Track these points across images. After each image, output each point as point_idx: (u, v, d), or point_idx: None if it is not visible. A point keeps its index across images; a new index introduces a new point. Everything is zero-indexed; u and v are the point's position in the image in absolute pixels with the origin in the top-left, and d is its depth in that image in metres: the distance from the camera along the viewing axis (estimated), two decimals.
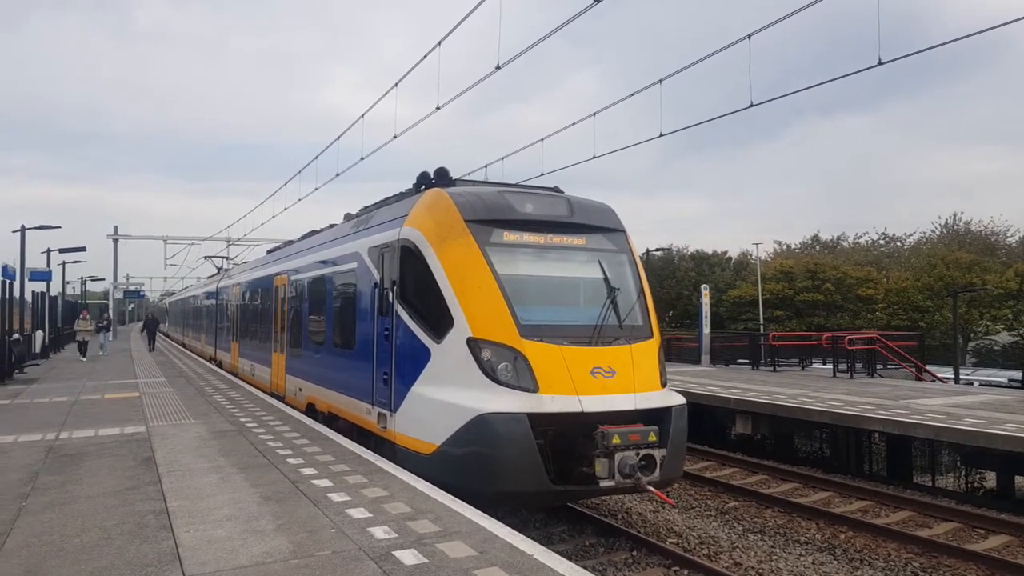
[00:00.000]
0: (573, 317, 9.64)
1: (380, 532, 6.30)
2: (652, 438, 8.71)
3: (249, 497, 7.50)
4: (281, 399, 16.08)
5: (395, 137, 19.27)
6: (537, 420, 8.41)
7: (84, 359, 29.34)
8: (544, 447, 8.48)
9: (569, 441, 8.76)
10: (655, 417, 9.06)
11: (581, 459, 8.69)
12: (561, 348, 8.88)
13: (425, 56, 15.29)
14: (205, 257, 46.78)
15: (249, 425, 12.23)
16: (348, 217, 14.91)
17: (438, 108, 16.32)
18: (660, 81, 16.38)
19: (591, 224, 10.32)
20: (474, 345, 8.81)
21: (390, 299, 10.14)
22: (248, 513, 6.92)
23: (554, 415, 8.56)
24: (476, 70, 17.10)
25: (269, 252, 23.56)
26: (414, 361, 9.56)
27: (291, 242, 20.37)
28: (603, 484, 8.53)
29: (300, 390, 15.10)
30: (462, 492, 7.78)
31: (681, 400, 9.54)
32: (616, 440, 8.43)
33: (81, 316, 33.24)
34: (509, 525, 6.53)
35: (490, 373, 8.68)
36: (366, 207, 13.91)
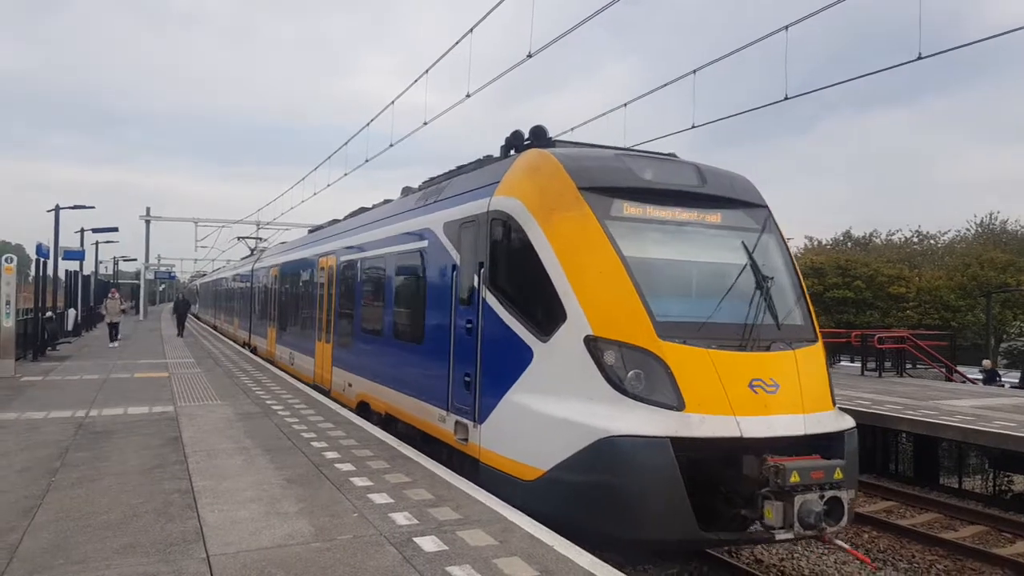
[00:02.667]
0: (719, 313, 7.62)
1: (401, 518, 6.33)
2: (838, 475, 6.73)
3: (273, 479, 7.58)
4: (326, 393, 14.65)
5: (425, 124, 19.25)
6: (682, 446, 6.56)
7: (114, 344, 26.67)
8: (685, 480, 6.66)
9: (713, 471, 7.04)
10: (823, 444, 7.19)
11: (731, 496, 7.05)
12: (711, 353, 7.03)
13: (456, 43, 15.24)
14: (238, 238, 46.97)
15: (275, 407, 12.35)
16: (407, 191, 13.20)
17: (468, 96, 16.27)
18: (694, 72, 16.18)
19: (728, 197, 8.48)
20: (594, 345, 7.02)
21: (475, 285, 8.49)
22: (271, 495, 6.98)
23: (704, 441, 6.68)
24: (508, 58, 17.03)
25: (311, 231, 21.58)
26: (509, 362, 7.84)
27: (336, 220, 18.67)
28: (779, 536, 6.64)
29: (350, 385, 13.58)
30: (578, 533, 6.30)
31: (852, 422, 7.70)
32: (795, 478, 6.51)
33: (110, 295, 30.11)
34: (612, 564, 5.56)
35: (616, 382, 6.88)
36: (432, 178, 12.16)
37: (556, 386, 7.29)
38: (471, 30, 14.83)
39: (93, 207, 35.19)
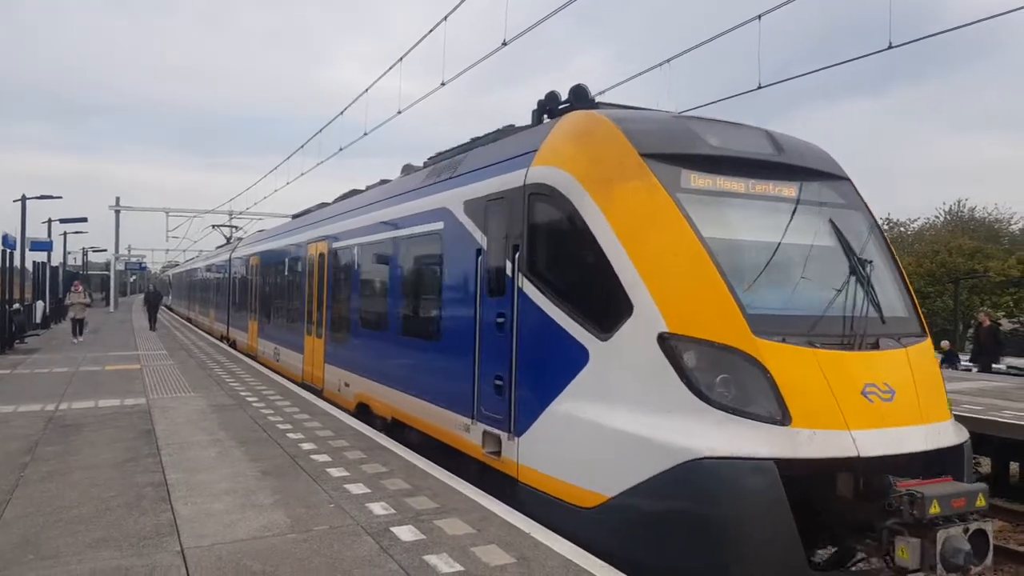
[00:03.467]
0: (817, 304, 6.41)
1: (378, 508, 6.31)
2: (981, 502, 5.56)
3: (248, 471, 7.52)
4: (318, 393, 13.30)
5: (399, 112, 19.13)
6: (788, 469, 5.32)
7: (77, 340, 24.76)
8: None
9: (819, 498, 5.85)
10: (935, 460, 5.97)
11: (839, 527, 5.95)
12: (816, 353, 5.82)
13: (431, 31, 15.14)
14: (213, 226, 45.68)
15: (249, 399, 12.25)
16: (409, 169, 12.05)
17: (443, 84, 16.18)
18: (668, 61, 16.21)
19: (808, 167, 7.30)
20: (671, 344, 5.77)
21: (507, 272, 7.28)
22: (246, 487, 6.93)
23: (815, 462, 5.47)
24: (483, 47, 16.97)
25: (295, 217, 20.04)
26: (555, 364, 6.62)
27: (325, 204, 17.16)
28: None
29: (346, 385, 12.26)
30: (652, 572, 5.48)
31: (967, 433, 6.52)
32: (935, 508, 5.28)
33: (73, 288, 27.16)
34: None
35: (700, 389, 5.63)
36: (440, 153, 10.87)
37: (620, 394, 6.05)
38: (445, 18, 14.73)
39: (60, 197, 34.68)
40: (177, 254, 77.73)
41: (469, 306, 8.05)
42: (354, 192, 15.04)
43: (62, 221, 42.65)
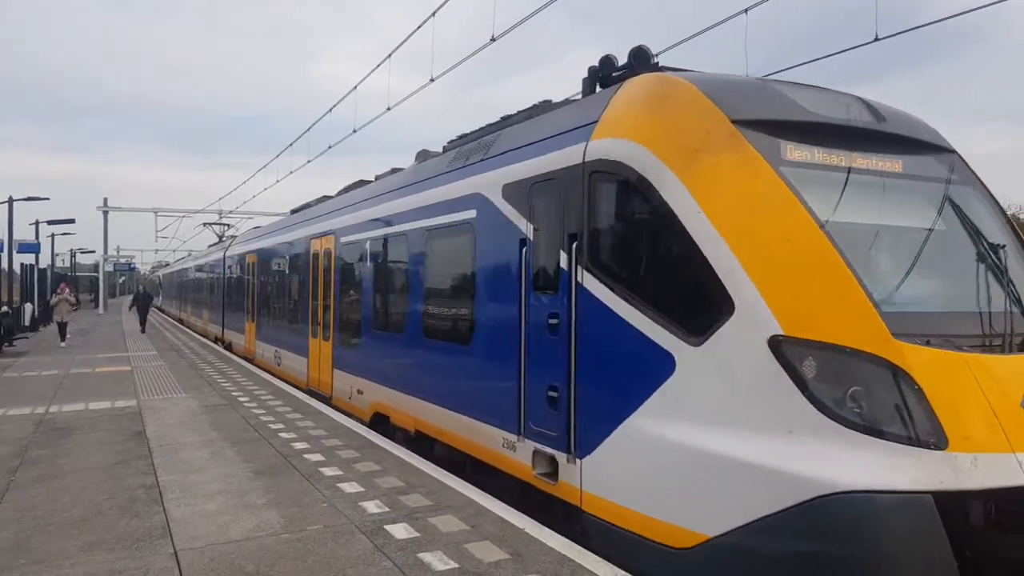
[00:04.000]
0: (955, 299, 5.55)
1: (372, 506, 6.30)
2: None
3: (240, 471, 7.49)
4: (325, 400, 12.37)
5: (388, 109, 19.06)
6: (948, 503, 4.36)
7: (64, 344, 24.09)
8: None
9: (978, 536, 4.58)
10: None
11: (1004, 569, 4.67)
12: (966, 358, 4.88)
13: (419, 27, 15.08)
14: (204, 224, 44.42)
15: (241, 399, 12.21)
16: (425, 155, 10.96)
17: (432, 80, 16.13)
18: (656, 57, 16.16)
19: (913, 138, 6.31)
20: (787, 349, 4.75)
21: (562, 265, 6.31)
22: (239, 487, 6.90)
23: (979, 494, 4.48)
24: (472, 43, 16.95)
25: (295, 211, 18.67)
26: (629, 372, 5.65)
27: (327, 197, 16.02)
28: None
29: (359, 392, 11.14)
30: None
31: None
32: None
33: (58, 290, 26.53)
34: None
35: (827, 405, 4.64)
36: (464, 135, 9.71)
37: (720, 410, 5.03)
38: (434, 14, 14.68)
39: (48, 199, 34.45)
40: (167, 254, 77.45)
41: (511, 304, 7.03)
42: (361, 183, 13.89)
43: (50, 223, 42.38)
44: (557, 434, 6.27)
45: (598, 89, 7.26)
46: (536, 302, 6.72)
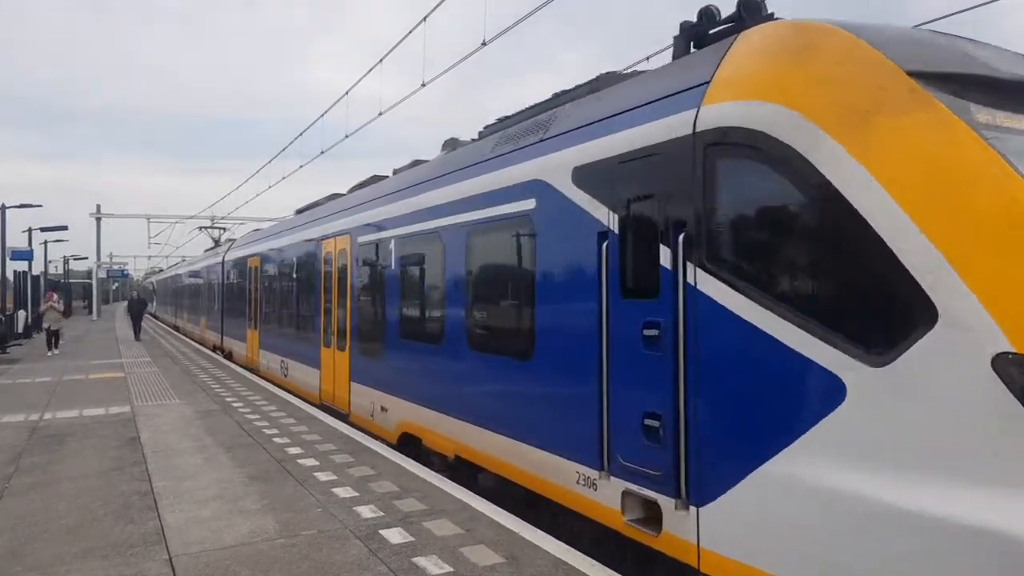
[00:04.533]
0: None
1: (366, 511, 6.31)
2: None
3: (235, 477, 7.49)
4: (342, 418, 11.25)
5: (380, 114, 19.09)
6: None
7: (52, 353, 23.24)
8: None
9: None
10: None
11: None
12: None
13: (410, 32, 15.12)
14: (200, 228, 44.05)
15: (235, 404, 12.20)
16: (453, 144, 9.89)
17: (423, 85, 16.17)
18: (647, 59, 16.27)
19: None
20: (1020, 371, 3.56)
21: (664, 263, 5.13)
22: (234, 493, 6.91)
23: None
24: (464, 47, 16.96)
25: (300, 211, 17.34)
26: (773, 400, 4.47)
27: (338, 195, 14.88)
28: None
29: (383, 410, 9.98)
30: None
31: None
32: None
33: (46, 298, 25.45)
34: None
35: None
36: (502, 119, 8.65)
37: (915, 452, 3.79)
38: (424, 19, 14.72)
39: (40, 205, 34.44)
40: (160, 260, 77.28)
41: (586, 312, 5.79)
42: (376, 178, 12.79)
43: (43, 230, 42.27)
44: (659, 473, 5.05)
45: (693, 50, 5.95)
46: (624, 309, 5.43)
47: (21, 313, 31.15)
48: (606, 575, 4.96)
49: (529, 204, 6.75)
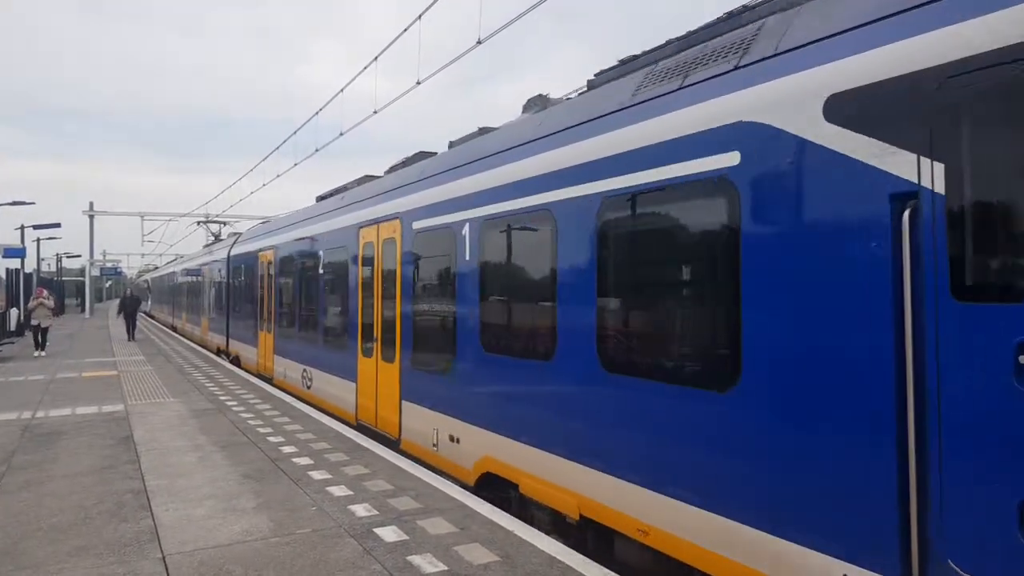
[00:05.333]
0: None
1: (361, 510, 6.30)
2: None
3: (229, 475, 7.48)
4: (391, 444, 9.31)
5: (375, 112, 19.07)
6: None
7: (41, 353, 21.68)
8: None
9: None
10: None
11: None
12: None
13: (405, 30, 15.10)
14: (198, 222, 40.99)
15: (229, 403, 12.18)
16: (540, 101, 8.17)
17: (418, 83, 16.16)
18: (643, 54, 16.25)
19: None
20: None
21: None
22: (228, 491, 6.89)
23: None
24: (459, 46, 16.94)
25: (322, 199, 15.51)
26: None
27: (372, 177, 13.13)
28: None
29: (453, 440, 7.92)
30: None
31: None
32: None
33: (35, 295, 23.65)
34: None
35: None
36: (627, 59, 6.93)
37: None
38: (419, 17, 14.71)
39: (33, 203, 34.26)
40: (153, 258, 77.06)
41: (864, 326, 3.85)
42: (424, 155, 10.94)
43: (35, 227, 42.13)
44: None
45: None
46: (967, 322, 3.39)
47: (13, 311, 31.00)
48: (601, 573, 4.96)
49: (726, 160, 4.73)
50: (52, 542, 5.58)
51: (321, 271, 12.91)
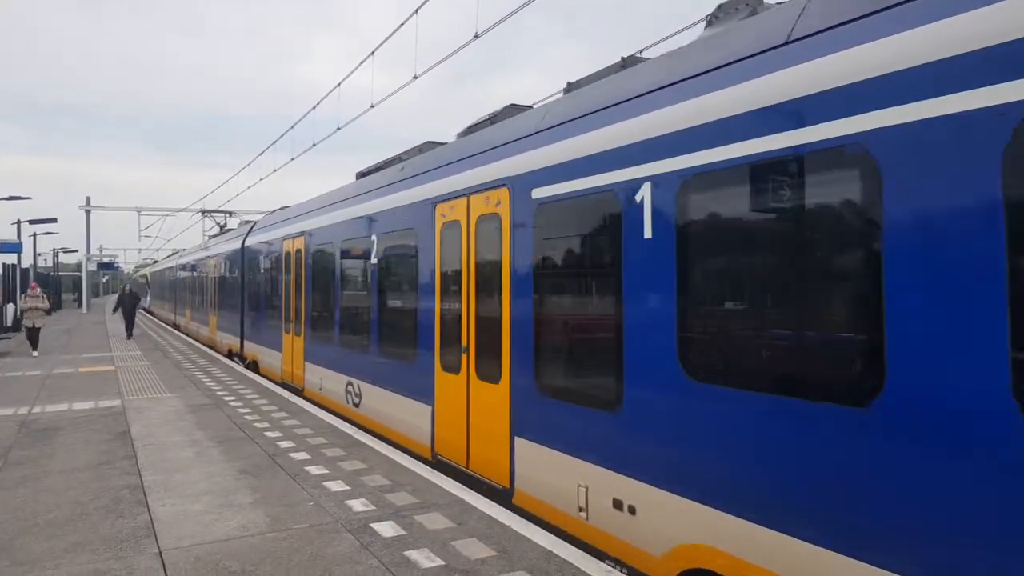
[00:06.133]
0: None
1: (358, 505, 6.30)
2: None
3: (226, 471, 7.47)
4: (492, 491, 6.93)
5: (372, 107, 19.04)
6: None
7: (35, 353, 20.58)
8: None
9: None
10: None
11: None
12: None
13: (402, 24, 15.06)
14: (203, 212, 40.40)
15: (226, 398, 12.17)
16: (714, 13, 5.81)
17: (415, 78, 16.12)
18: (640, 52, 16.24)
19: None
20: None
21: None
22: (225, 487, 6.89)
23: None
24: (457, 40, 16.90)
25: (363, 175, 12.72)
26: None
27: (436, 144, 10.60)
28: None
29: (621, 507, 5.33)
30: None
31: None
32: None
33: (30, 291, 22.17)
34: None
35: None
36: None
37: None
38: (416, 11, 14.67)
39: (29, 198, 34.20)
40: (150, 253, 76.93)
41: None
42: (516, 107, 8.73)
43: (32, 222, 42.04)
44: None
45: None
46: None
47: (10, 307, 30.95)
48: (596, 566, 4.97)
49: None
50: (49, 538, 5.57)
51: (375, 260, 10.32)
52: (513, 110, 8.64)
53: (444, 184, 8.37)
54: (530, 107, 8.41)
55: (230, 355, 20.42)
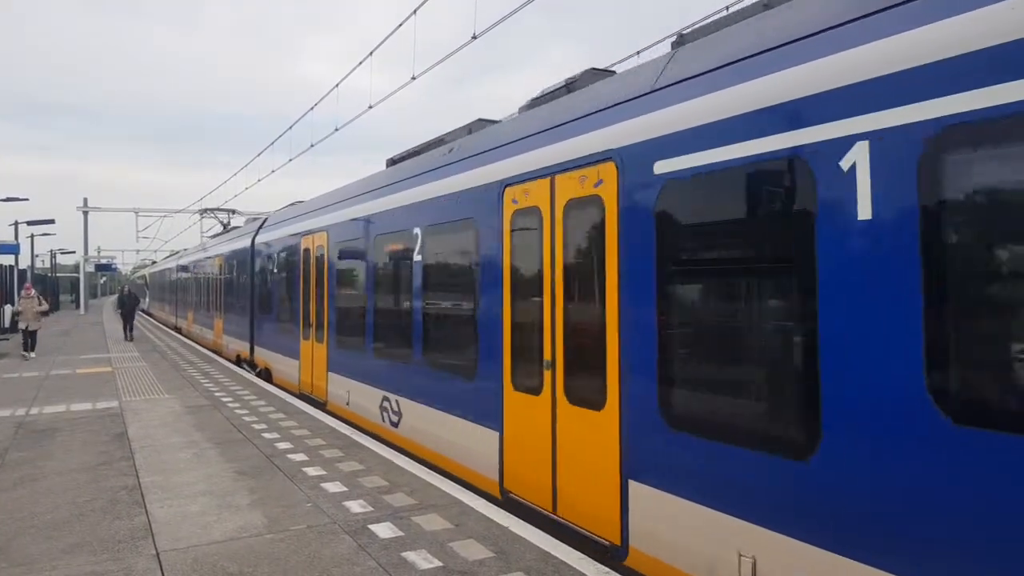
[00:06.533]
0: None
1: (356, 506, 6.30)
2: None
3: (223, 472, 7.47)
4: (612, 555, 5.32)
5: (370, 107, 19.04)
6: None
7: (31, 355, 20.04)
8: None
9: None
10: None
11: None
12: None
13: (400, 25, 15.07)
14: (203, 211, 39.31)
15: (224, 399, 12.16)
16: None
17: (413, 78, 16.13)
18: (638, 53, 16.27)
19: None
20: None
21: None
22: (222, 488, 6.89)
23: None
24: (455, 41, 16.89)
25: (395, 161, 11.34)
26: None
27: (488, 122, 9.27)
28: None
29: None
30: None
31: None
32: None
33: (24, 292, 21.35)
34: None
35: None
36: None
37: None
38: (415, 12, 14.67)
39: (27, 199, 34.18)
40: (148, 254, 76.87)
41: None
42: (597, 72, 7.34)
43: (29, 223, 42.02)
44: None
45: None
46: None
47: (7, 308, 30.92)
48: (593, 567, 4.97)
49: None
50: (46, 539, 5.57)
51: (418, 257, 8.86)
52: (594, 75, 7.24)
53: (515, 163, 6.89)
54: (613, 71, 7.25)
55: (238, 361, 18.99)
